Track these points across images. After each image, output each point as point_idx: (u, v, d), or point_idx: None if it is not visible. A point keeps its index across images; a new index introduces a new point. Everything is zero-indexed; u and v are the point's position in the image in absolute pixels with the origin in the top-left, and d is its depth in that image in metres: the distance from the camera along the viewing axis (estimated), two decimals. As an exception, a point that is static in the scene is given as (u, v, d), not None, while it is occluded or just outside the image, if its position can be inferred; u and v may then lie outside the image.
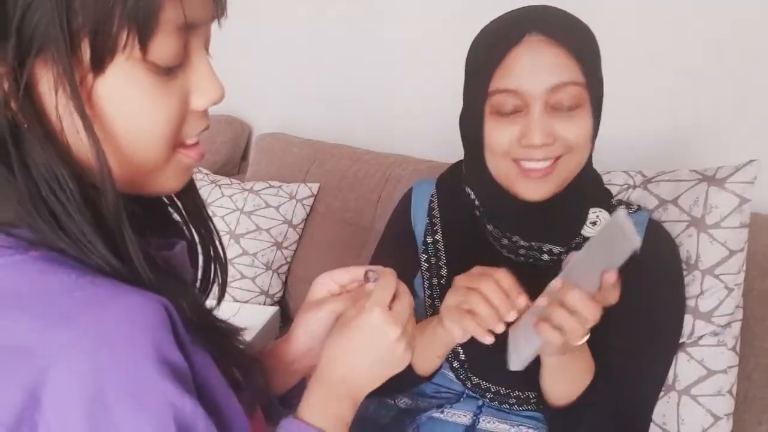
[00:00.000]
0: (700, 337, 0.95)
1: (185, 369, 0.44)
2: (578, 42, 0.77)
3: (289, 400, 0.72)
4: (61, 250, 0.44)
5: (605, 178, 1.08)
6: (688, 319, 0.95)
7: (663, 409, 0.97)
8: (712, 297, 0.94)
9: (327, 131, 1.83)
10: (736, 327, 0.97)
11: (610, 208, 0.89)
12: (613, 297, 0.65)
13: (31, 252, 0.44)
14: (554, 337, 0.65)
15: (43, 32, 0.40)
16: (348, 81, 1.83)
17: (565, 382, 0.78)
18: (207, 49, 0.50)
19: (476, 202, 0.91)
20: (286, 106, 1.99)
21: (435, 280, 0.93)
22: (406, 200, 1.02)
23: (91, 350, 0.39)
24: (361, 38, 1.76)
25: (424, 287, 0.93)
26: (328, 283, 0.70)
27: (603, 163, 0.97)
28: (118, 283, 0.44)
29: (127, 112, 0.44)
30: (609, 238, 0.60)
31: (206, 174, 1.78)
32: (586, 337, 0.68)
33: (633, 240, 0.57)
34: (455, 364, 0.88)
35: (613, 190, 1.06)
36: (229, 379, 0.53)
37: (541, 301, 0.68)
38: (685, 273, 0.95)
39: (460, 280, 0.72)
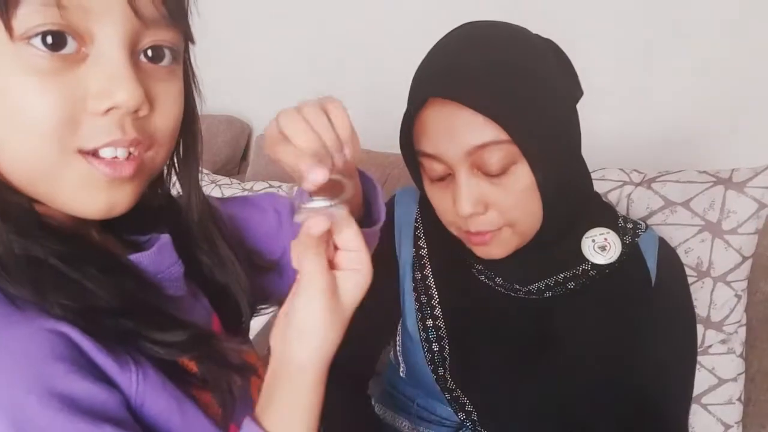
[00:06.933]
0: (710, 346, 0.94)
1: (91, 396, 0.43)
2: (492, 100, 0.65)
3: None
4: None
5: (599, 174, 1.02)
6: (698, 328, 0.91)
7: (672, 420, 0.95)
8: (724, 306, 0.92)
9: (327, 131, 1.82)
10: (743, 332, 0.95)
11: (619, 230, 0.79)
12: None
13: None
14: None
15: None
16: (348, 81, 1.81)
17: None
18: (133, 50, 0.45)
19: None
20: (286, 106, 1.96)
21: (429, 321, 0.83)
22: (388, 217, 0.85)
23: None
24: (361, 38, 1.74)
25: (419, 329, 0.83)
26: None
27: (596, 160, 0.89)
28: (10, 314, 0.42)
29: (12, 99, 0.41)
30: None
31: (206, 174, 1.76)
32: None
33: None
34: (461, 416, 0.82)
35: (608, 186, 1.01)
36: (194, 383, 0.51)
37: None
38: (695, 280, 0.93)
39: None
